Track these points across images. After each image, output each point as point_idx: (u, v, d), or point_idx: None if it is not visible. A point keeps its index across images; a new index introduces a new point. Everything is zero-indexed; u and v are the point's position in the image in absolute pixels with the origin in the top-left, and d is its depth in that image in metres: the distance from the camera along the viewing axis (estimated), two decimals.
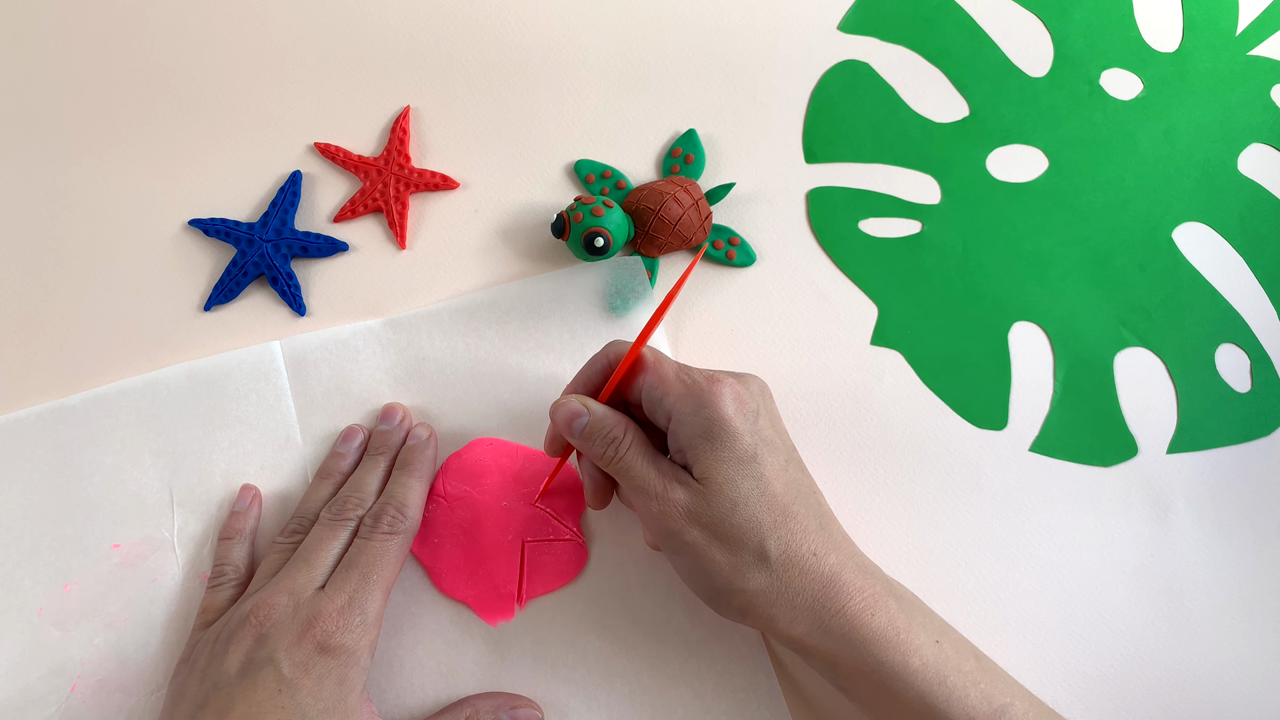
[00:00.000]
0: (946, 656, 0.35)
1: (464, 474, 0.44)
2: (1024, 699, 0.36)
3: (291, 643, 0.35)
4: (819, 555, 0.35)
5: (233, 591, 0.41)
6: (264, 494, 0.44)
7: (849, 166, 0.51)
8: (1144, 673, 0.43)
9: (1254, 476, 0.46)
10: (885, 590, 0.36)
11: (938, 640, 0.35)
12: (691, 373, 0.37)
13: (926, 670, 0.34)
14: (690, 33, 0.53)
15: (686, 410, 0.36)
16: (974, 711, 0.34)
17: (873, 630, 0.35)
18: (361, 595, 0.37)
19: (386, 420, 0.44)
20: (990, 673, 0.36)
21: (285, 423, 0.45)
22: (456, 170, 0.50)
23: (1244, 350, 0.48)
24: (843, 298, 0.48)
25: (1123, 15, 0.54)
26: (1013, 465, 0.46)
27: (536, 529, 0.43)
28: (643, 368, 0.38)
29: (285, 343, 0.46)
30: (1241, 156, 0.51)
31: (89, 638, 0.42)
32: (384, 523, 0.40)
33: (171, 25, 0.52)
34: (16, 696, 0.41)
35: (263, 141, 0.50)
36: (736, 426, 0.36)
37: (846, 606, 0.35)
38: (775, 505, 0.35)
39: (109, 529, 0.43)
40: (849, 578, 0.35)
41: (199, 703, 0.35)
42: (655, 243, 0.47)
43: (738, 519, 0.35)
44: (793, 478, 0.37)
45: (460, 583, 0.43)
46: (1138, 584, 0.44)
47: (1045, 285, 0.49)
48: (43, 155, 0.50)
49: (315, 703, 0.35)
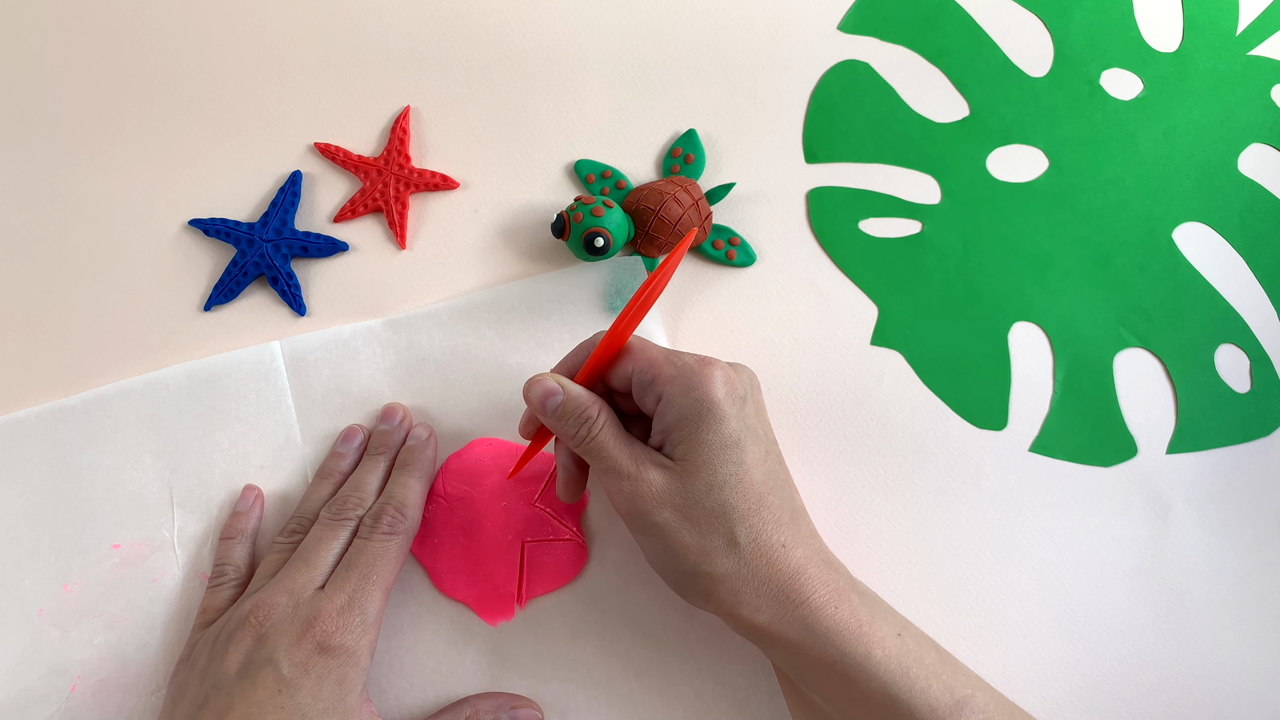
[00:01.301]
0: (908, 649, 0.35)
1: (464, 474, 0.44)
2: (985, 691, 0.36)
3: (291, 643, 0.35)
4: (788, 547, 0.36)
5: (233, 591, 0.41)
6: (264, 494, 0.44)
7: (849, 166, 0.51)
8: (1144, 673, 0.43)
9: (1254, 476, 0.46)
10: (849, 586, 0.37)
11: (899, 633, 0.36)
12: (682, 356, 0.37)
13: (889, 662, 0.35)
14: (690, 33, 0.53)
15: (677, 391, 0.36)
16: (935, 702, 0.34)
17: (836, 622, 0.35)
18: (361, 595, 0.37)
19: (386, 420, 0.44)
20: (951, 665, 0.36)
21: (285, 423, 0.45)
22: (456, 170, 0.50)
23: (1244, 350, 0.48)
24: (843, 298, 0.48)
25: (1123, 15, 0.54)
26: (1013, 465, 0.46)
27: (536, 529, 0.43)
28: (630, 354, 0.38)
29: (285, 343, 0.46)
30: (1241, 156, 0.51)
31: (89, 638, 0.42)
32: (384, 523, 0.40)
33: (171, 25, 0.52)
34: (17, 696, 0.41)
35: (263, 141, 0.50)
36: (725, 410, 0.36)
37: (811, 598, 0.35)
38: (751, 493, 0.36)
39: (109, 529, 0.43)
40: (814, 571, 0.36)
41: (199, 703, 0.35)
42: (655, 243, 0.47)
43: (711, 502, 0.35)
44: (771, 469, 0.37)
45: (460, 583, 0.43)
46: (1138, 584, 0.44)
47: (1045, 285, 0.49)
48: (43, 155, 0.50)
49: (315, 703, 0.35)
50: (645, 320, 0.47)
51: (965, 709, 0.34)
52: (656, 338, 0.47)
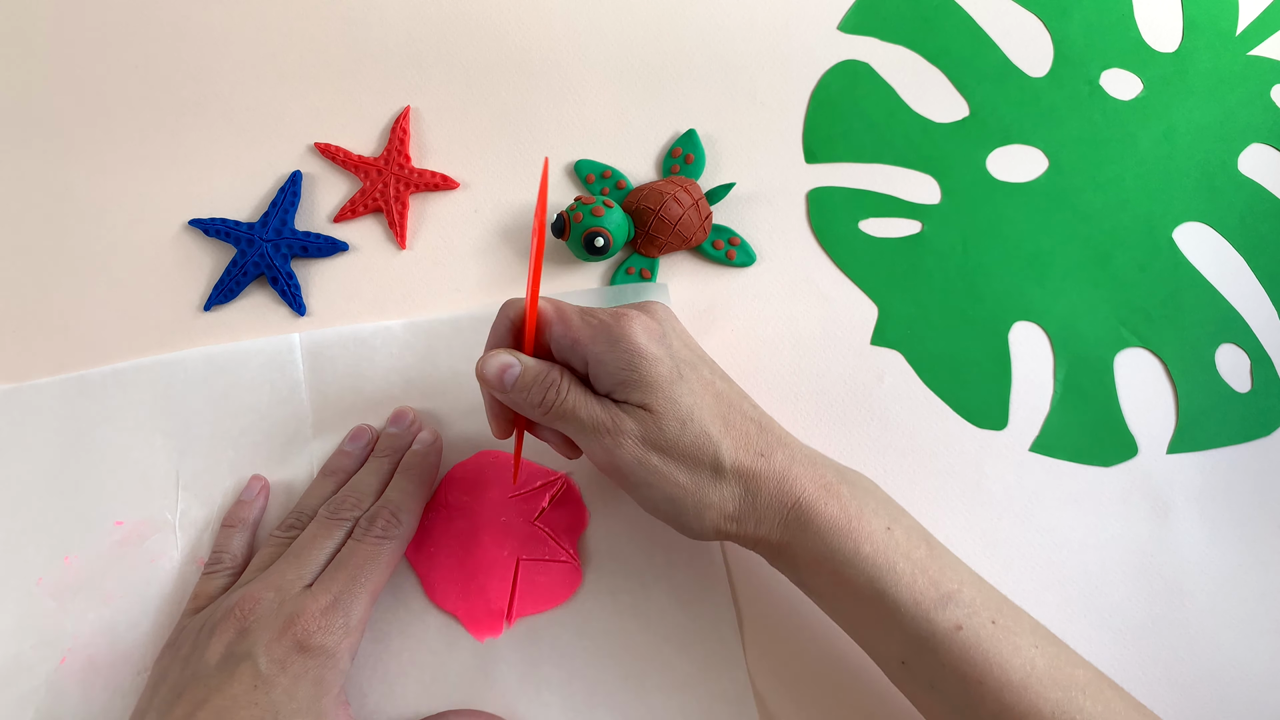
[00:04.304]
0: (897, 543, 0.35)
1: (467, 484, 0.44)
2: (973, 585, 0.36)
3: (271, 639, 0.35)
4: (766, 455, 0.36)
5: (226, 580, 0.41)
6: (270, 485, 0.44)
7: (849, 166, 0.51)
8: (1144, 673, 0.43)
9: (1254, 476, 0.46)
10: (837, 477, 0.37)
11: (889, 527, 0.36)
12: (596, 313, 0.38)
13: (876, 556, 0.35)
14: (690, 33, 0.53)
15: (602, 349, 0.36)
16: (920, 596, 0.34)
17: (826, 519, 0.35)
18: (347, 597, 0.37)
19: (396, 423, 0.44)
20: (941, 559, 0.36)
21: (297, 415, 0.45)
22: (456, 170, 0.50)
23: (1244, 350, 0.48)
24: (843, 298, 0.48)
25: (1123, 15, 0.54)
26: (1013, 465, 0.46)
27: (533, 548, 0.43)
28: (548, 321, 0.38)
29: (304, 335, 0.46)
30: (1241, 156, 0.51)
31: (83, 612, 0.42)
32: (378, 526, 0.39)
33: (171, 25, 0.52)
34: (8, 663, 0.41)
35: (263, 141, 0.50)
36: (653, 352, 0.36)
37: (801, 497, 0.36)
38: (716, 416, 0.36)
39: (114, 506, 0.43)
40: (798, 470, 0.36)
41: (177, 691, 0.35)
42: (655, 243, 0.47)
43: (689, 434, 0.36)
44: (719, 388, 0.38)
45: (452, 594, 0.42)
46: (1138, 584, 0.44)
47: (1045, 285, 0.49)
48: (43, 155, 0.50)
49: (289, 701, 0.35)
50: None
51: (950, 603, 0.34)
52: None
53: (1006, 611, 0.35)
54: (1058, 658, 0.34)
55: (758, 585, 0.43)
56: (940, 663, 0.34)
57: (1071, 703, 0.33)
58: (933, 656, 0.34)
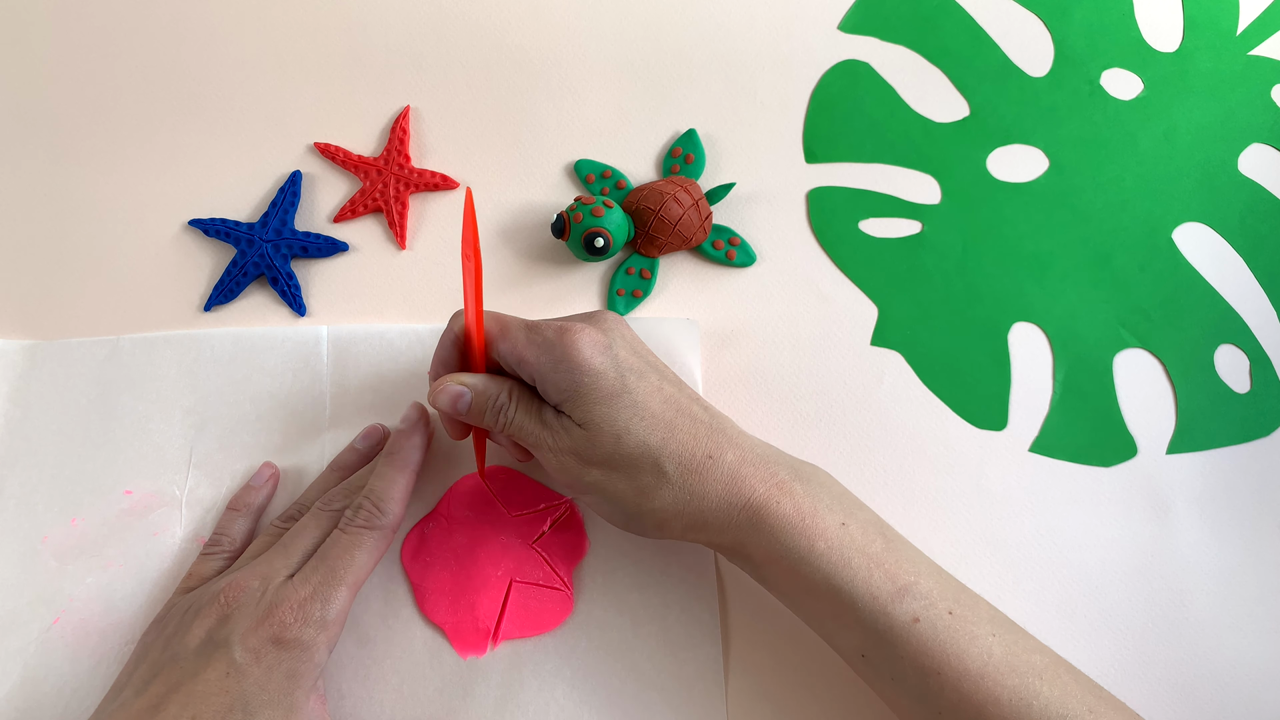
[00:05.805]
0: (852, 538, 0.35)
1: (471, 498, 0.44)
2: (930, 576, 0.36)
3: (248, 629, 0.35)
4: (715, 457, 0.36)
5: (222, 563, 0.41)
6: (280, 474, 0.44)
7: (849, 166, 0.51)
8: (1144, 673, 0.43)
9: (1254, 476, 0.46)
10: (790, 475, 0.37)
11: (844, 522, 0.36)
12: (541, 329, 0.38)
13: (831, 553, 0.35)
14: (690, 33, 0.53)
15: (546, 367, 0.37)
16: (877, 590, 0.34)
17: (779, 517, 0.35)
18: (325, 589, 0.37)
19: (406, 420, 0.44)
20: (898, 552, 0.36)
21: (315, 407, 0.45)
22: (456, 170, 0.50)
23: (1243, 351, 0.48)
24: (843, 298, 0.48)
25: (1123, 15, 0.54)
26: (1013, 465, 0.46)
27: (528, 571, 0.42)
28: (492, 338, 0.39)
29: (332, 329, 0.46)
30: (1241, 156, 0.51)
31: (82, 575, 0.42)
32: (360, 516, 0.39)
33: (171, 25, 0.52)
34: (3, 617, 0.41)
35: (263, 141, 0.50)
36: (596, 366, 0.36)
37: (751, 498, 0.36)
38: (658, 424, 0.36)
39: (126, 474, 0.44)
40: (749, 470, 0.36)
41: (155, 670, 0.36)
42: (655, 243, 0.47)
43: (625, 449, 0.36)
44: (667, 394, 0.38)
45: (441, 607, 0.42)
46: (1138, 584, 0.44)
47: (1045, 286, 0.49)
48: (43, 155, 0.50)
49: (260, 693, 0.35)
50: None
51: (907, 596, 0.34)
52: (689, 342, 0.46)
53: (964, 601, 0.35)
54: (1015, 645, 0.34)
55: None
56: (899, 655, 0.34)
57: (1028, 689, 0.33)
58: (891, 650, 0.34)
